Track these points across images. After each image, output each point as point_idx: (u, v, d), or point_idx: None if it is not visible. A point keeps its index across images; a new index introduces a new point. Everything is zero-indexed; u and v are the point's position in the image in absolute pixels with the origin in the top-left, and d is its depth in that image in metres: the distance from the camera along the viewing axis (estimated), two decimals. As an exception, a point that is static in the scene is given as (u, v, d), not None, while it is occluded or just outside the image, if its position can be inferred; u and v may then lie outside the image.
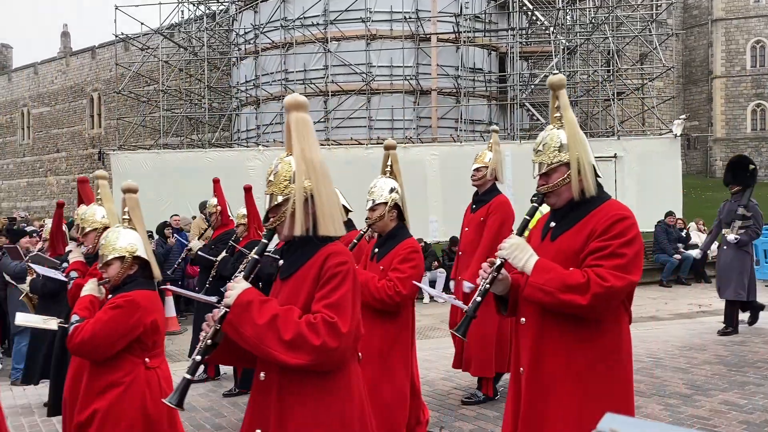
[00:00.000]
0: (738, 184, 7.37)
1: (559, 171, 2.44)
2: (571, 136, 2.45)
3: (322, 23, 21.41)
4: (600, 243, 2.26)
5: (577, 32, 22.81)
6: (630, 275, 2.23)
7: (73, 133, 37.28)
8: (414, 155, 17.55)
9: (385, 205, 3.65)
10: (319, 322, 2.01)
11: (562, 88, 2.54)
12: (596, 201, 2.39)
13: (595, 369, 2.29)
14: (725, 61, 35.97)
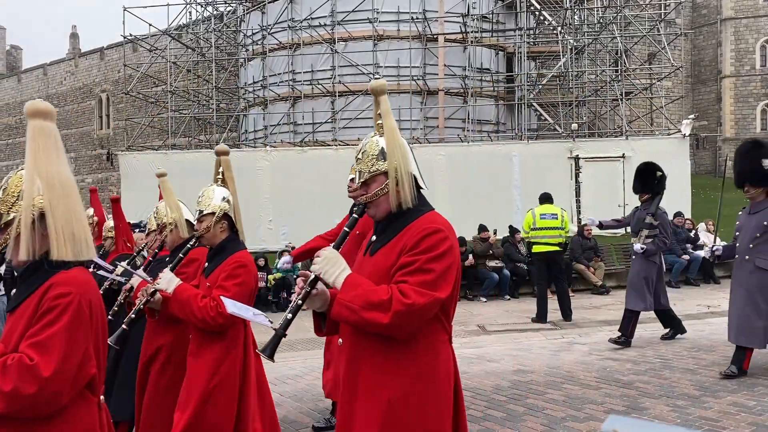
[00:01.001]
0: (647, 192, 7.12)
1: (377, 180, 2.29)
2: (390, 144, 2.29)
3: (329, 24, 21.44)
4: (408, 258, 2.12)
5: (585, 32, 22.74)
6: (436, 292, 2.07)
7: (81, 134, 37.49)
8: (421, 155, 17.36)
9: (212, 215, 3.36)
10: (14, 365, 1.81)
11: (383, 94, 2.38)
12: (414, 213, 2.24)
13: (407, 394, 2.12)
14: (734, 61, 35.76)
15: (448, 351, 2.25)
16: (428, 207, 2.32)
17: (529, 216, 9.77)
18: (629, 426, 0.74)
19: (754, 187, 5.64)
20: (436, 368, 2.18)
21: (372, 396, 2.15)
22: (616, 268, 12.94)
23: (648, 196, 7.12)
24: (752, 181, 5.63)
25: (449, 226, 2.23)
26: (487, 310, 10.71)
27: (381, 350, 2.16)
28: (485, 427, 4.60)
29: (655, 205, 7.08)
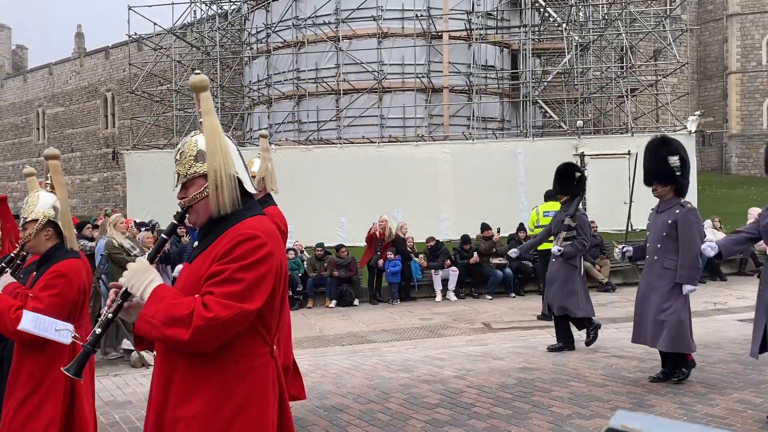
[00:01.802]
0: (565, 193, 6.89)
1: (196, 183, 2.14)
2: (210, 145, 2.15)
3: (333, 22, 21.44)
4: (218, 267, 1.98)
5: (590, 28, 22.67)
6: (244, 303, 1.93)
7: (87, 133, 37.60)
8: (426, 153, 17.53)
9: (35, 222, 3.14)
10: None
11: (204, 90, 2.22)
12: (234, 219, 2.08)
13: (215, 413, 2.00)
14: (740, 57, 35.58)
15: (268, 365, 2.10)
16: (253, 212, 2.14)
17: (534, 214, 9.75)
18: (637, 421, 0.74)
19: (662, 186, 5.42)
20: (252, 385, 2.04)
21: (179, 413, 2.01)
22: (621, 266, 12.89)
23: (567, 197, 6.90)
24: (660, 180, 5.42)
25: (270, 232, 2.07)
26: (492, 307, 10.71)
27: (192, 366, 2.02)
28: (491, 424, 4.60)
29: (574, 207, 6.85)
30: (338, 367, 6.72)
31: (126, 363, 7.65)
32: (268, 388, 2.10)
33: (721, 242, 5.09)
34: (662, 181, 5.39)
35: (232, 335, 1.98)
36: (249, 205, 2.15)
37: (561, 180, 6.92)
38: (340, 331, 9.26)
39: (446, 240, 15.14)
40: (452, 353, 7.12)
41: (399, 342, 8.23)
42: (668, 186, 5.41)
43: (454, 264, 12.03)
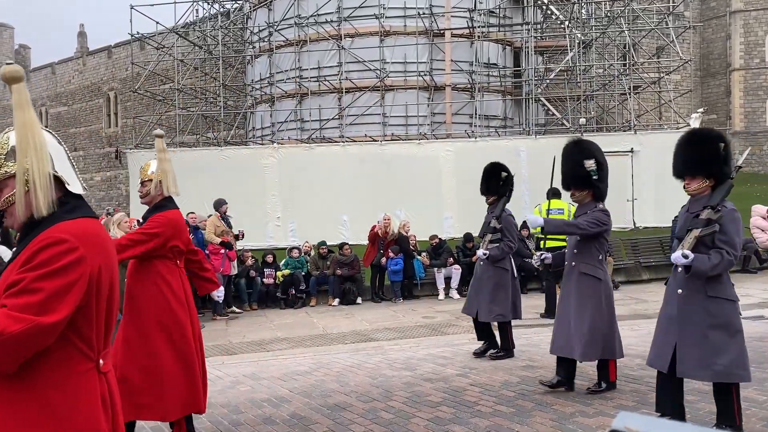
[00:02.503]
0: (492, 194, 6.62)
1: (9, 185, 1.97)
2: (21, 142, 1.94)
3: (335, 20, 21.44)
4: (16, 276, 1.81)
5: (593, 26, 22.63)
6: (41, 316, 1.74)
7: (90, 132, 37.67)
8: (428, 151, 17.52)
9: None
10: None
11: (16, 82, 2.00)
12: (49, 222, 1.89)
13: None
14: (744, 54, 35.47)
15: (92, 384, 1.92)
16: (75, 214, 1.96)
17: (537, 212, 9.74)
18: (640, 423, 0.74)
19: (579, 191, 5.23)
20: (73, 405, 1.86)
21: None
22: (625, 264, 12.89)
23: (494, 198, 6.65)
24: (576, 185, 5.22)
25: (83, 235, 1.89)
26: (495, 305, 10.68)
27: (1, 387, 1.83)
28: (494, 422, 4.60)
29: (499, 208, 6.57)
30: (341, 366, 6.73)
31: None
32: (95, 407, 1.91)
33: None
34: (579, 185, 5.20)
35: (31, 352, 1.79)
36: (70, 207, 1.97)
37: (487, 180, 6.65)
38: (343, 330, 9.27)
39: (449, 238, 15.14)
40: (455, 351, 7.12)
41: (402, 340, 8.23)
42: (585, 191, 5.21)
43: (456, 262, 12.03)
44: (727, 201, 3.95)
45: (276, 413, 5.16)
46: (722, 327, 3.89)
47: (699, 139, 4.10)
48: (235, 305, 11.27)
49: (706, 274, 3.82)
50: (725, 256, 3.80)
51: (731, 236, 3.86)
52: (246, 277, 11.58)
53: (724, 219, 3.85)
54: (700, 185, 4.02)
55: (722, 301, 3.91)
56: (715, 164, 3.97)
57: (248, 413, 5.21)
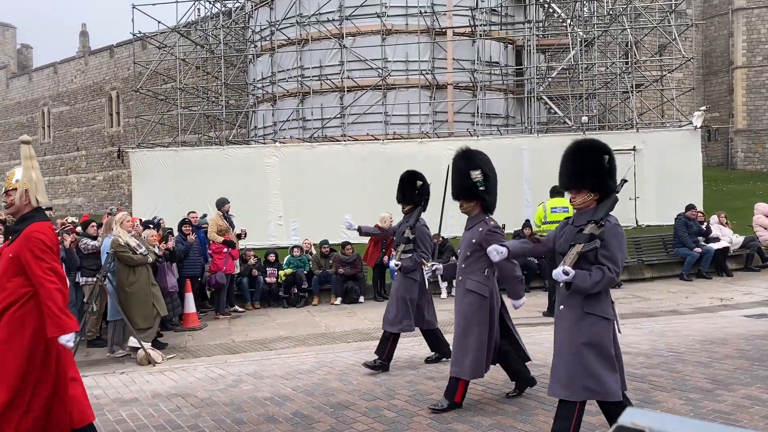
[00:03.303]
0: (407, 203, 6.39)
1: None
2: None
3: (337, 19, 21.43)
4: None
5: (595, 24, 22.59)
6: None
7: (92, 132, 37.69)
8: (430, 150, 17.51)
9: None
10: None
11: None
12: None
13: None
14: (746, 51, 35.38)
15: None
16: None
17: (540, 210, 9.74)
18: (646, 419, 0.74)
19: (467, 202, 5.08)
20: None
21: None
22: (627, 262, 12.87)
23: (410, 207, 6.42)
24: (463, 196, 5.08)
25: None
26: (497, 304, 10.68)
27: None
28: (497, 421, 4.61)
29: (414, 218, 6.33)
30: (344, 364, 6.74)
31: (132, 361, 7.69)
32: None
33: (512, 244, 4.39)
34: (466, 196, 5.07)
35: None
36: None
37: (403, 189, 6.42)
38: (345, 328, 9.28)
39: (452, 237, 15.13)
40: (458, 350, 7.12)
41: (405, 339, 8.21)
42: (473, 202, 5.08)
43: (459, 261, 12.01)
44: (611, 215, 3.81)
45: (279, 412, 5.17)
46: (594, 345, 3.71)
47: (583, 152, 3.91)
48: (237, 304, 11.29)
49: (587, 291, 3.69)
50: (606, 273, 3.66)
51: (614, 252, 3.72)
52: (248, 276, 11.59)
53: (607, 234, 3.71)
54: (585, 199, 3.86)
55: (597, 318, 3.75)
56: (600, 178, 3.82)
57: (251, 412, 5.22)
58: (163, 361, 7.64)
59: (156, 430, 4.93)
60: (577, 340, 3.72)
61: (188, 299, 10.00)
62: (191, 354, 8.08)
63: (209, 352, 8.16)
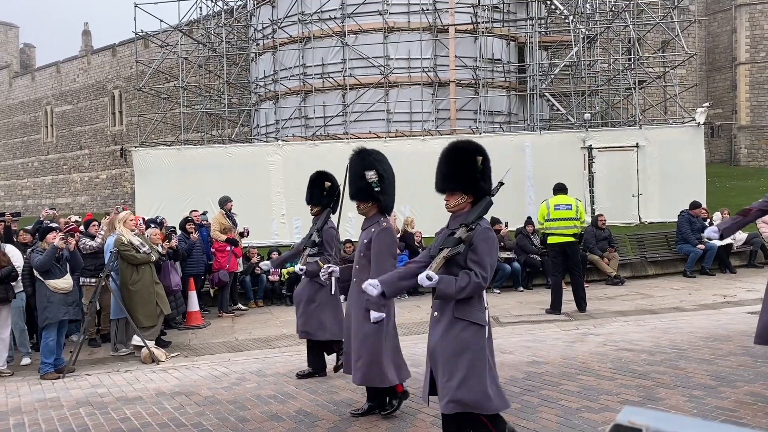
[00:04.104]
0: (315, 204, 6.11)
1: None
2: None
3: (339, 17, 21.41)
4: None
5: (597, 20, 22.53)
6: None
7: (95, 131, 37.76)
8: (433, 148, 17.45)
9: None
10: None
11: None
12: None
13: None
14: (750, 47, 35.26)
15: None
16: None
17: (543, 207, 9.73)
18: (644, 417, 0.74)
19: (363, 202, 4.83)
20: None
21: None
22: (630, 259, 12.86)
23: (318, 209, 6.12)
24: (359, 196, 4.84)
25: None
26: (500, 301, 10.70)
27: None
28: (500, 418, 4.61)
29: (322, 220, 6.02)
30: (347, 362, 6.74)
31: (136, 359, 7.71)
32: None
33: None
34: (362, 197, 4.82)
35: None
36: None
37: (311, 190, 6.15)
38: (348, 326, 9.27)
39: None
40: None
41: (407, 336, 8.23)
42: (369, 203, 4.82)
43: (461, 258, 12.00)
44: (483, 219, 3.68)
45: (282, 409, 5.18)
46: (465, 353, 3.54)
47: (457, 154, 3.79)
48: (240, 302, 11.30)
49: (452, 296, 3.53)
50: (472, 278, 3.49)
51: (482, 256, 3.56)
52: (251, 274, 11.60)
53: (476, 238, 3.56)
54: (459, 201, 3.74)
55: (468, 324, 3.58)
56: (473, 180, 3.72)
57: (254, 410, 5.23)
58: (167, 359, 7.66)
59: (160, 428, 4.94)
60: (449, 349, 3.56)
61: (192, 297, 10.02)
62: (195, 352, 8.10)
63: (213, 350, 8.18)
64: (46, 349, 7.15)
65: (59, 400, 6.04)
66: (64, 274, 7.28)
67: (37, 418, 5.50)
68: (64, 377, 6.98)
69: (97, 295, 7.84)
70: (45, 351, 7.15)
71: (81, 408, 5.68)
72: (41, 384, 6.82)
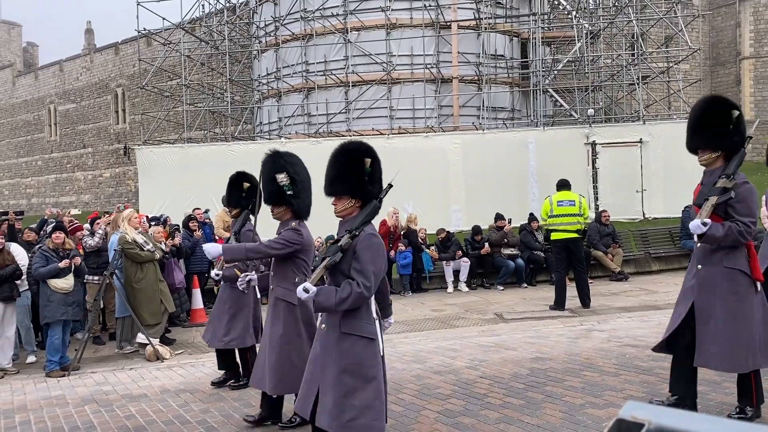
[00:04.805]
0: (234, 206, 5.86)
1: None
2: None
3: (341, 13, 21.38)
4: None
5: (600, 16, 22.45)
6: None
7: (98, 129, 37.83)
8: (436, 144, 17.48)
9: None
10: None
11: None
12: None
13: None
14: (754, 42, 35.10)
15: None
16: None
17: (547, 203, 9.72)
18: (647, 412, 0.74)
19: (276, 207, 4.68)
20: None
21: None
22: (634, 255, 12.84)
23: (237, 211, 5.84)
24: (272, 200, 4.67)
25: None
26: (504, 298, 10.70)
27: None
28: (504, 414, 4.61)
29: (239, 223, 5.74)
30: (351, 359, 6.74)
31: (141, 357, 7.73)
32: None
33: None
34: (274, 201, 4.66)
35: None
36: None
37: (230, 192, 5.90)
38: (352, 323, 9.27)
39: (457, 231, 15.11)
40: (464, 344, 7.13)
41: (411, 333, 8.25)
42: (282, 207, 4.65)
43: (465, 255, 12.02)
44: (369, 224, 3.49)
45: (287, 406, 5.19)
46: (353, 371, 3.35)
47: (345, 156, 3.62)
48: (244, 300, 11.30)
49: (332, 308, 3.31)
50: (354, 288, 3.27)
51: (364, 265, 3.34)
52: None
53: (358, 246, 3.36)
54: (346, 206, 3.57)
55: (356, 339, 3.37)
56: (360, 183, 3.54)
57: (259, 406, 5.24)
58: (171, 356, 7.69)
59: (165, 425, 4.96)
60: (336, 365, 3.37)
61: (195, 295, 10.05)
62: (199, 349, 8.12)
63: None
64: (51, 347, 7.18)
65: (65, 398, 6.06)
66: (66, 273, 7.31)
67: (42, 415, 5.53)
68: (69, 375, 7.01)
69: (102, 293, 7.87)
70: (50, 349, 7.19)
71: (86, 405, 5.71)
72: (47, 382, 6.84)
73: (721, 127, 4.10)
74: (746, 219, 3.92)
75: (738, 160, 4.06)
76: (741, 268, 4.02)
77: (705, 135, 4.19)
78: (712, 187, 4.04)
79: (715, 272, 4.06)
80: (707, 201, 3.97)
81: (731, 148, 4.11)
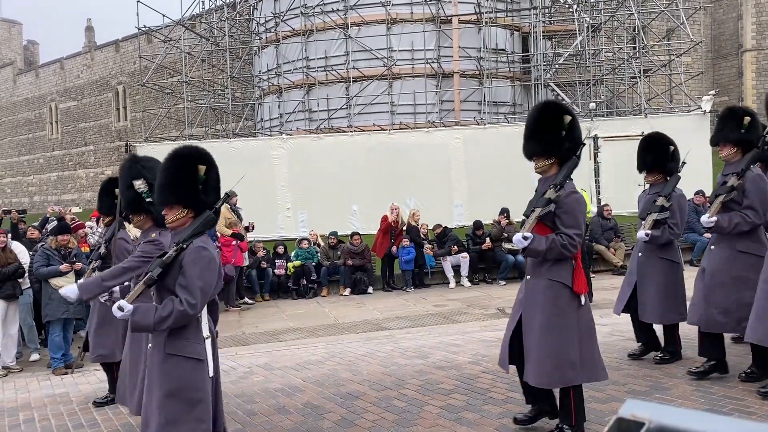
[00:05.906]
0: (106, 214, 5.65)
1: None
2: None
3: (341, 9, 21.34)
4: None
5: (602, 9, 22.39)
6: None
7: (100, 127, 37.84)
8: (437, 139, 17.46)
9: None
10: None
11: None
12: None
13: None
14: (756, 34, 34.97)
15: None
16: None
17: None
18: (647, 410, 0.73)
19: (136, 215, 4.52)
20: None
21: None
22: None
23: (110, 218, 5.65)
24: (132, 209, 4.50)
25: None
26: (506, 293, 10.69)
27: None
28: (507, 409, 4.61)
29: (110, 231, 5.50)
30: (354, 355, 6.76)
31: (144, 354, 7.74)
32: None
33: None
34: (134, 210, 4.50)
35: None
36: None
37: (101, 199, 5.74)
38: (354, 319, 9.30)
39: (459, 226, 15.12)
40: (467, 339, 7.13)
41: (414, 329, 8.25)
42: (141, 215, 4.49)
43: (466, 250, 12.00)
44: (201, 235, 3.28)
45: (290, 402, 5.20)
46: (177, 395, 3.17)
47: (175, 162, 3.39)
48: (247, 296, 11.34)
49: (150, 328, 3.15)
50: (176, 306, 3.10)
51: (190, 280, 3.15)
52: (257, 268, 11.63)
53: (185, 260, 3.17)
54: (178, 216, 3.34)
55: (182, 360, 3.18)
56: (193, 191, 3.31)
57: (262, 403, 5.26)
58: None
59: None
60: (160, 389, 3.18)
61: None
62: (202, 346, 8.12)
63: (220, 344, 8.14)
64: (53, 345, 7.21)
65: (68, 396, 6.08)
66: (67, 272, 7.33)
67: (46, 413, 5.54)
68: (73, 373, 7.03)
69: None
70: (52, 346, 7.22)
71: (90, 403, 5.72)
72: (50, 380, 6.86)
73: (553, 133, 3.95)
74: (571, 231, 3.76)
75: (568, 169, 3.92)
76: (563, 281, 3.80)
77: (538, 141, 4.02)
78: (540, 197, 3.91)
79: (539, 285, 3.87)
80: (533, 212, 3.83)
81: (564, 155, 3.98)
